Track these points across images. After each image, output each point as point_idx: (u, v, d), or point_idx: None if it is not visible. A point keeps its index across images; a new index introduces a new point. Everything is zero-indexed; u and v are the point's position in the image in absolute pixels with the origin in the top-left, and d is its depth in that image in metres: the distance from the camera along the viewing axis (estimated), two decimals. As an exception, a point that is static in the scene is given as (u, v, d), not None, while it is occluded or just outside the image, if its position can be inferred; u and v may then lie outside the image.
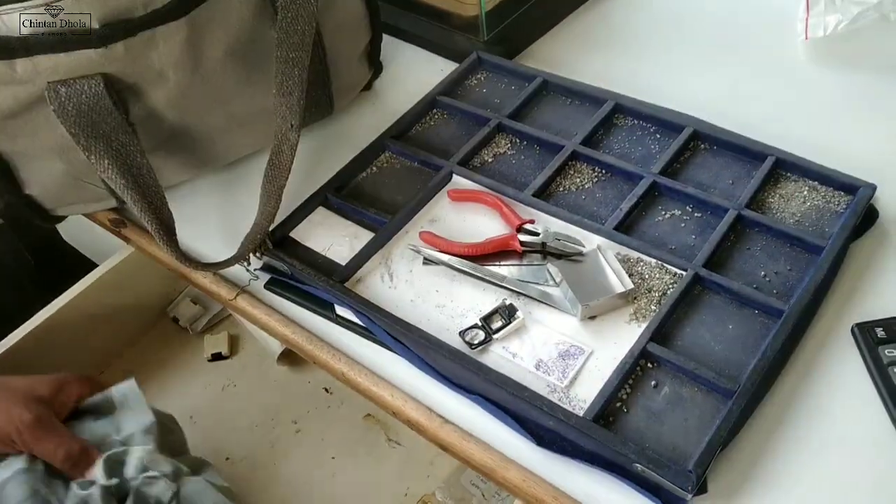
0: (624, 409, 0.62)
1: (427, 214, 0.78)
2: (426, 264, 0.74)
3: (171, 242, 0.71)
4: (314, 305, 0.73)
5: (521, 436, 0.62)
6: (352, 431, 0.81)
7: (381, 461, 0.79)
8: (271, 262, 0.75)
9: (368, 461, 0.79)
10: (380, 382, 0.67)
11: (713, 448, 0.58)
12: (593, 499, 0.59)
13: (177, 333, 0.92)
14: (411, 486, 0.77)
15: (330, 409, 0.84)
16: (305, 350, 0.70)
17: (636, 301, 0.68)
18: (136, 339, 0.92)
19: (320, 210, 0.80)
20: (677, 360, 0.63)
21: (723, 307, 0.67)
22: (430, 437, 0.64)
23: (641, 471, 0.57)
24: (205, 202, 0.83)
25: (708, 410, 0.61)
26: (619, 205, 0.75)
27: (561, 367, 0.65)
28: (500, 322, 0.68)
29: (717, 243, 0.70)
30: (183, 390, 0.85)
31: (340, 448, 0.80)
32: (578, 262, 0.71)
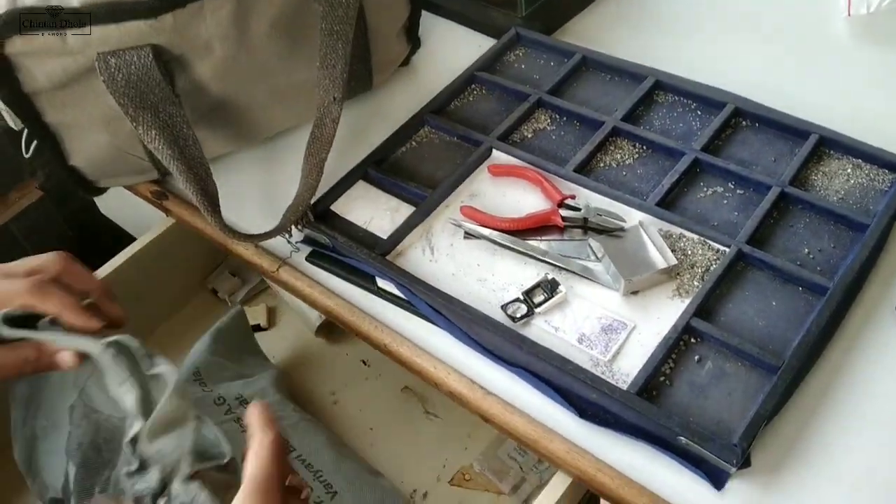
0: (667, 384, 0.62)
1: (467, 189, 0.78)
2: (467, 238, 0.74)
3: (215, 213, 0.71)
4: (355, 278, 0.73)
5: (564, 408, 0.62)
6: (389, 403, 0.82)
7: (418, 433, 0.79)
8: (313, 234, 0.75)
9: (406, 433, 0.79)
10: (422, 354, 0.67)
11: (758, 422, 0.58)
12: (636, 471, 0.59)
13: (216, 305, 0.93)
14: (449, 458, 0.78)
15: (368, 382, 0.84)
16: (347, 321, 0.71)
17: (679, 277, 0.68)
18: (175, 312, 0.93)
19: (361, 184, 0.80)
20: (721, 336, 0.63)
21: (766, 284, 0.67)
22: (472, 409, 0.65)
23: (685, 444, 0.58)
24: (246, 176, 0.84)
25: (752, 385, 0.61)
26: (660, 181, 0.75)
27: (604, 341, 0.65)
28: (543, 296, 0.68)
29: (760, 220, 0.70)
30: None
31: (378, 420, 0.80)
32: (620, 237, 0.71)
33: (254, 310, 0.91)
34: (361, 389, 0.83)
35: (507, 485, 0.75)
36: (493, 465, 0.76)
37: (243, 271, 0.95)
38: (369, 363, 0.86)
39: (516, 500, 0.74)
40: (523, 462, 0.76)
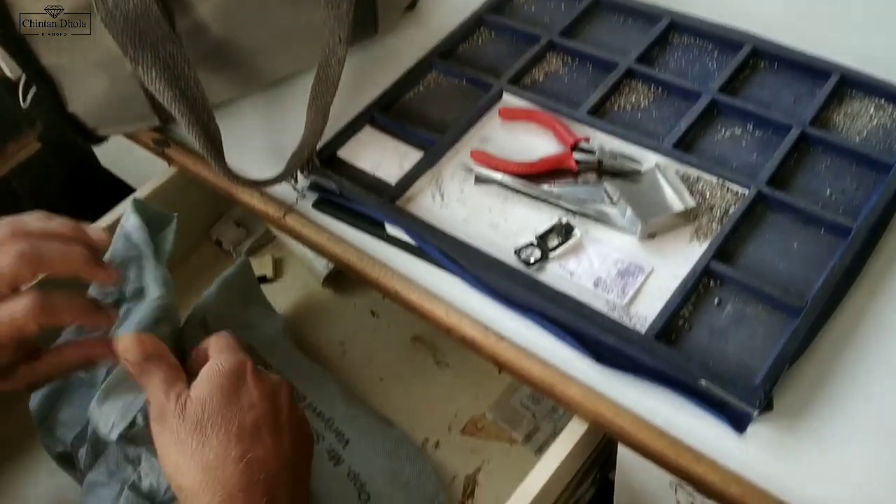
0: (686, 327, 0.61)
1: (477, 133, 0.76)
2: (478, 183, 0.72)
3: (218, 158, 0.69)
4: (364, 225, 0.72)
5: (580, 353, 0.61)
6: (399, 354, 0.80)
7: (429, 383, 0.78)
8: (319, 180, 0.73)
9: (417, 383, 0.78)
10: (434, 300, 0.66)
11: (781, 365, 0.56)
12: (655, 415, 0.58)
13: (221, 256, 0.92)
14: (461, 408, 0.76)
15: (377, 332, 0.83)
16: (356, 268, 0.69)
17: (697, 219, 0.66)
18: (179, 263, 0.91)
19: (367, 129, 0.78)
20: (741, 278, 0.61)
21: (787, 226, 0.65)
22: (486, 355, 0.63)
23: (706, 387, 0.56)
24: (249, 123, 0.81)
25: (773, 328, 0.60)
26: (676, 123, 0.73)
27: (620, 285, 0.63)
28: (557, 240, 0.66)
29: (780, 161, 0.68)
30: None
31: (388, 370, 0.79)
32: (635, 180, 0.69)
33: (259, 261, 0.90)
34: (370, 340, 0.81)
35: (521, 433, 0.73)
36: (505, 414, 0.75)
37: (248, 222, 0.93)
38: (378, 314, 0.84)
39: (530, 448, 0.73)
40: (536, 410, 0.75)
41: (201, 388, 0.54)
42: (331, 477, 0.67)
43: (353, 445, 0.70)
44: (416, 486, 0.69)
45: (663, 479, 0.61)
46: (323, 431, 0.70)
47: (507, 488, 0.61)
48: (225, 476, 0.50)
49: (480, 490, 0.72)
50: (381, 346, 0.81)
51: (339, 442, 0.69)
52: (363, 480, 0.67)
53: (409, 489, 0.69)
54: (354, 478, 0.68)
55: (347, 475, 0.68)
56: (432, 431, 0.75)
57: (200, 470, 0.51)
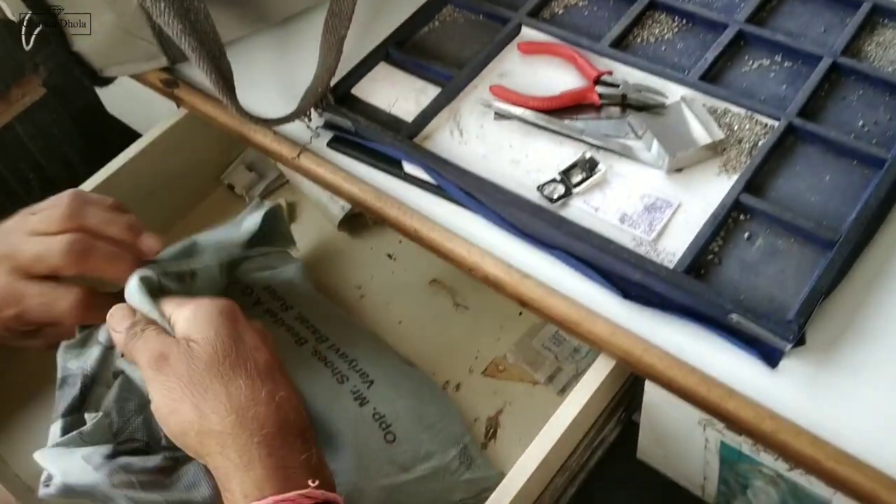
0: (716, 262, 0.59)
1: (496, 68, 0.73)
2: (497, 119, 0.70)
3: (230, 95, 0.67)
4: (380, 163, 0.70)
5: (607, 290, 0.59)
6: (418, 297, 0.79)
7: (448, 326, 0.77)
8: (334, 119, 0.71)
9: (436, 326, 0.77)
10: (455, 238, 0.64)
11: (814, 298, 0.55)
12: (684, 351, 0.56)
13: (233, 201, 0.90)
14: (481, 350, 0.75)
15: (394, 275, 0.81)
16: (374, 207, 0.68)
17: (725, 153, 0.64)
18: (191, 208, 0.90)
19: (382, 66, 0.75)
20: (773, 211, 0.60)
21: (819, 157, 0.63)
22: (509, 293, 0.62)
23: (737, 322, 0.55)
24: (261, 61, 0.79)
25: (806, 261, 0.58)
26: (703, 55, 0.70)
27: (647, 221, 0.62)
28: (581, 176, 0.64)
29: (811, 92, 0.66)
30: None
31: (406, 313, 0.78)
32: (661, 114, 0.66)
33: (272, 205, 0.89)
34: (388, 283, 0.80)
35: (543, 375, 0.72)
36: (527, 356, 0.74)
37: (260, 166, 0.91)
38: (395, 256, 0.82)
39: (552, 389, 0.72)
40: (558, 352, 0.73)
41: (203, 329, 0.53)
42: (357, 417, 0.66)
43: (378, 386, 0.69)
44: (442, 428, 0.69)
45: (692, 418, 0.60)
46: (347, 372, 0.69)
47: (530, 429, 0.61)
48: (260, 415, 0.49)
49: (503, 431, 0.71)
50: (398, 289, 0.80)
51: (364, 382, 0.69)
52: (389, 421, 0.67)
53: (435, 430, 0.68)
54: (380, 419, 0.67)
55: (373, 416, 0.67)
56: (453, 374, 0.74)
57: (232, 410, 0.49)
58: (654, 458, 0.70)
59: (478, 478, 0.65)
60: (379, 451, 0.65)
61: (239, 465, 0.48)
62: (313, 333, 0.72)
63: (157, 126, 0.85)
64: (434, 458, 0.66)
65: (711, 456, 0.62)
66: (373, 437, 0.65)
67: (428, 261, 0.65)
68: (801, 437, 0.52)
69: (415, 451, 0.66)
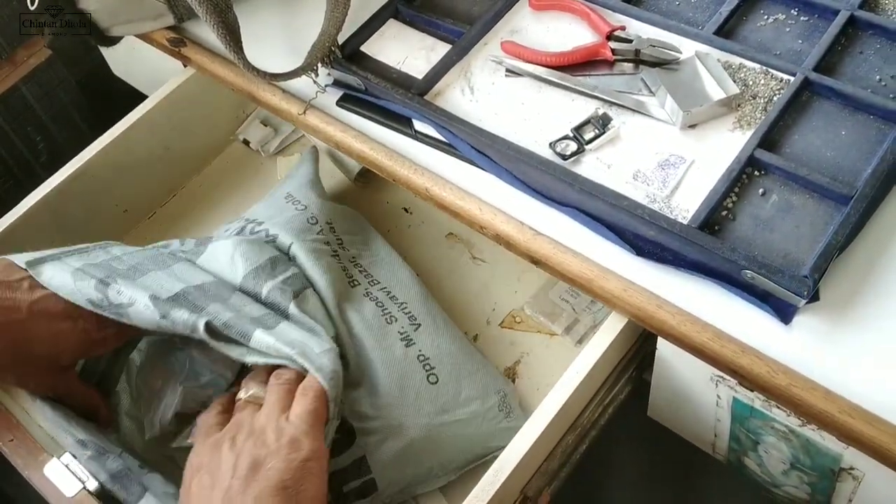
0: (730, 218, 0.58)
1: (507, 25, 0.73)
2: (509, 76, 0.69)
3: (237, 50, 0.66)
4: (390, 122, 0.69)
5: (619, 247, 0.59)
6: (435, 250, 0.79)
7: (465, 279, 0.78)
8: (343, 76, 0.70)
9: (453, 279, 0.77)
10: (466, 196, 0.64)
11: (829, 254, 0.54)
12: (698, 308, 0.56)
13: (248, 156, 0.90)
14: (498, 302, 0.76)
15: (410, 229, 0.81)
16: (385, 167, 0.67)
17: (740, 108, 0.63)
18: (206, 164, 0.90)
19: (392, 22, 0.75)
20: (787, 167, 0.59)
21: (835, 113, 0.62)
22: (521, 251, 0.62)
23: (751, 277, 0.55)
24: (268, 17, 0.78)
25: (821, 217, 0.57)
26: (717, 9, 0.69)
27: (661, 177, 0.61)
28: (594, 132, 0.64)
29: (827, 46, 0.65)
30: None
31: (423, 266, 0.78)
32: (674, 69, 0.66)
33: (288, 160, 0.88)
34: (405, 237, 0.80)
35: (560, 326, 0.73)
36: (544, 308, 0.74)
37: (275, 120, 0.91)
38: (411, 210, 0.82)
39: (570, 340, 0.72)
40: (575, 304, 0.73)
41: None
42: (402, 357, 0.67)
43: (424, 330, 0.70)
44: (482, 376, 0.69)
45: (704, 374, 0.60)
46: (396, 313, 0.70)
47: (548, 379, 0.62)
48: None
49: (520, 381, 0.72)
50: (415, 242, 0.80)
51: (411, 325, 0.70)
52: (432, 364, 0.68)
53: (475, 377, 0.69)
54: (424, 360, 0.68)
55: (417, 357, 0.68)
56: (470, 325, 0.75)
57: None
58: (665, 416, 0.70)
59: (515, 427, 0.65)
60: (422, 390, 0.66)
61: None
62: (366, 277, 0.73)
63: (165, 85, 0.84)
64: (473, 403, 0.67)
65: (723, 413, 0.62)
66: (416, 377, 0.66)
67: (444, 214, 0.65)
68: (815, 391, 0.52)
69: (455, 395, 0.67)
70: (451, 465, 0.66)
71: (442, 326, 0.71)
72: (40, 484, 0.61)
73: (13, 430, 0.64)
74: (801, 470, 0.61)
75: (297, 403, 0.57)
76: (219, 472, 0.53)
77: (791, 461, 0.61)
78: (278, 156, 0.90)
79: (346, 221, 0.77)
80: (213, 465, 0.54)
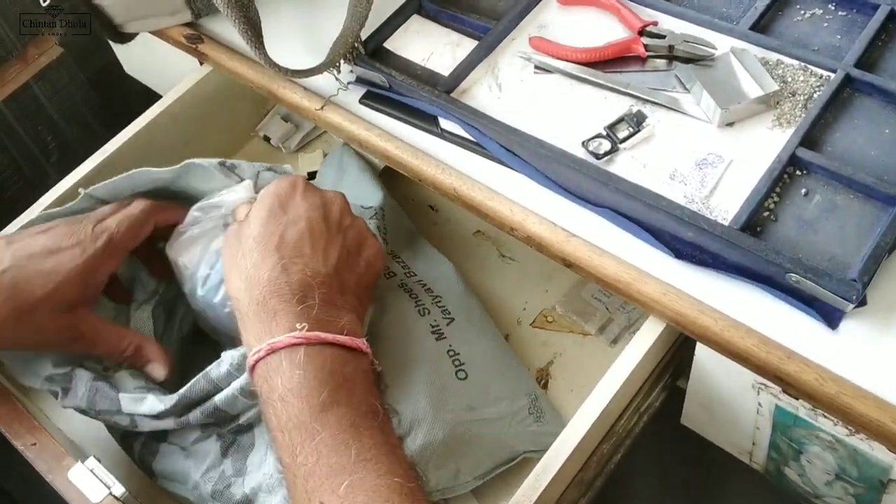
0: (772, 219, 0.56)
1: (535, 20, 0.71)
2: (537, 73, 0.67)
3: (258, 45, 0.64)
4: (415, 120, 0.67)
5: (657, 249, 0.57)
6: (462, 248, 0.77)
7: (495, 277, 0.76)
8: (367, 74, 0.68)
9: (482, 277, 0.75)
10: (496, 197, 0.62)
11: (878, 256, 0.52)
12: (740, 312, 0.54)
13: (270, 152, 0.89)
14: (529, 301, 0.74)
15: (437, 227, 0.80)
16: (410, 166, 0.65)
17: (779, 106, 0.61)
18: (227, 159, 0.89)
19: (416, 18, 0.73)
20: (830, 166, 0.57)
21: (878, 110, 0.60)
22: (554, 254, 0.60)
23: (796, 281, 0.53)
24: (289, 14, 0.76)
25: (867, 218, 0.55)
26: (752, 4, 0.67)
27: (699, 177, 0.59)
28: (628, 130, 0.62)
29: (868, 41, 0.63)
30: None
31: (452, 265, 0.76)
32: (709, 66, 0.64)
33: (310, 156, 0.86)
34: (431, 235, 0.78)
35: (593, 326, 0.71)
36: (576, 307, 0.72)
37: (296, 117, 0.89)
38: (437, 208, 0.81)
39: (604, 340, 0.70)
40: (609, 303, 0.72)
41: (254, 208, 0.58)
42: (431, 349, 0.66)
43: (458, 325, 0.69)
44: (512, 377, 0.68)
45: (745, 381, 0.58)
46: (430, 306, 0.69)
47: (583, 380, 0.61)
48: (259, 282, 0.54)
49: (554, 383, 0.70)
50: (442, 240, 0.78)
51: (444, 319, 0.69)
52: (462, 360, 0.66)
53: (506, 377, 0.67)
54: (454, 356, 0.66)
55: (447, 352, 0.66)
56: (501, 325, 0.73)
57: (242, 279, 0.55)
58: (700, 424, 0.68)
59: (546, 431, 0.63)
60: (449, 385, 0.64)
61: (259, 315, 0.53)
62: (403, 268, 0.72)
63: (182, 82, 0.82)
64: (502, 403, 0.65)
65: (764, 421, 0.60)
66: (444, 372, 0.65)
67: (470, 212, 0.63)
68: (866, 400, 0.50)
69: (483, 393, 0.65)
70: (477, 468, 0.63)
71: (477, 323, 0.70)
72: (64, 489, 0.59)
73: (35, 433, 0.62)
74: (847, 481, 0.59)
75: None
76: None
77: (836, 472, 0.59)
78: (300, 152, 0.88)
79: (392, 213, 0.76)
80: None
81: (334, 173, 0.81)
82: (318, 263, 0.56)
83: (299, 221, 0.57)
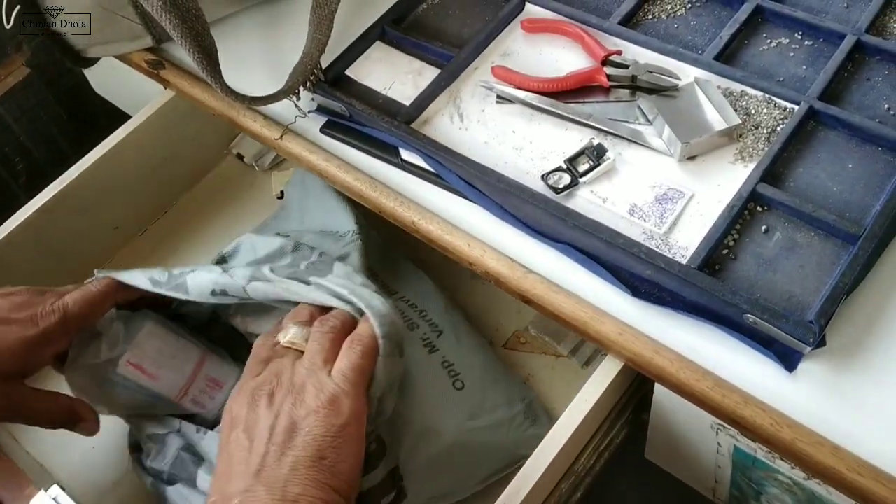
0: (731, 257, 0.55)
1: (498, 48, 0.70)
2: (500, 103, 0.66)
3: (214, 73, 0.63)
4: (376, 150, 0.66)
5: (615, 287, 0.56)
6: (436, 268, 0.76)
7: (467, 297, 0.76)
8: (327, 102, 0.67)
9: (455, 299, 0.75)
10: (454, 231, 0.61)
11: (836, 297, 0.51)
12: (697, 353, 0.53)
13: (242, 171, 0.89)
14: (502, 322, 0.74)
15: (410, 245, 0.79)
16: (370, 198, 0.64)
17: (742, 139, 0.61)
18: (197, 180, 0.88)
19: (378, 45, 0.72)
20: (792, 202, 0.56)
21: (841, 144, 0.59)
22: (512, 289, 0.59)
23: (753, 322, 0.52)
24: (248, 41, 0.75)
25: (827, 257, 0.54)
26: (717, 33, 0.66)
27: (658, 212, 0.58)
28: (588, 164, 0.61)
29: (833, 73, 0.62)
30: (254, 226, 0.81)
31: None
32: (673, 97, 0.63)
33: (283, 174, 0.85)
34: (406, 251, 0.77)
35: (566, 347, 0.71)
36: (549, 328, 0.71)
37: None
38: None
39: (576, 361, 0.70)
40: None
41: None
42: (426, 363, 0.66)
43: (447, 337, 0.69)
44: (506, 383, 0.68)
45: (704, 421, 0.57)
46: (417, 320, 0.70)
47: (554, 402, 0.62)
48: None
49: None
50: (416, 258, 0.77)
51: (433, 332, 0.69)
52: (457, 370, 0.67)
53: (500, 384, 0.68)
54: (449, 366, 0.67)
55: (441, 363, 0.67)
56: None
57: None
58: (664, 459, 0.67)
59: (542, 434, 0.63)
60: (449, 394, 0.65)
61: None
62: (383, 286, 0.72)
63: (154, 101, 0.82)
64: (500, 409, 0.66)
65: (724, 460, 0.59)
66: (441, 383, 0.66)
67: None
68: (822, 447, 0.49)
69: (482, 401, 0.66)
70: (479, 474, 0.65)
71: (464, 334, 0.70)
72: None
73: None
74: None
75: (344, 357, 0.54)
76: (255, 431, 0.52)
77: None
78: (273, 170, 0.88)
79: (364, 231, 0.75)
80: (251, 422, 0.53)
81: (299, 193, 0.80)
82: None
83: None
